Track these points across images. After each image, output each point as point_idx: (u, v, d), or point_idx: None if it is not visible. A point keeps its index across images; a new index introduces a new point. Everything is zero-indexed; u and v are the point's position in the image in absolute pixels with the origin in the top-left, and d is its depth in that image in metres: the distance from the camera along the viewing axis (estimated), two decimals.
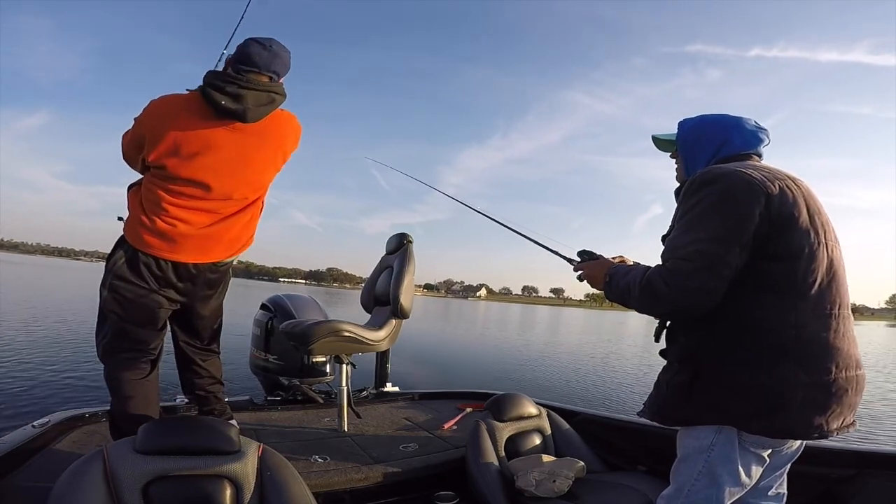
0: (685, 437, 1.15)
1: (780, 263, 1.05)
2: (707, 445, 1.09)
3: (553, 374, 9.98)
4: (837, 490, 1.54)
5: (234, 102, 1.58)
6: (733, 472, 1.07)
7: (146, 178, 1.68)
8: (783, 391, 1.01)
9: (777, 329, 1.03)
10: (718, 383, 1.07)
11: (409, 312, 2.39)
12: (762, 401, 1.03)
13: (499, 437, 1.91)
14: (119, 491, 1.13)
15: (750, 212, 1.04)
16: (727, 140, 1.23)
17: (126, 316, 1.64)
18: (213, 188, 1.64)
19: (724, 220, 1.04)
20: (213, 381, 1.93)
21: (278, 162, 1.81)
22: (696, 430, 1.11)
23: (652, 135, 1.39)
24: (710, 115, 1.28)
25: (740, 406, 1.04)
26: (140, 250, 1.64)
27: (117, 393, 1.63)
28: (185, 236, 1.65)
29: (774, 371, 1.02)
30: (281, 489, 1.25)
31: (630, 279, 1.16)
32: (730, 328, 1.07)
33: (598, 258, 1.37)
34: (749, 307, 1.05)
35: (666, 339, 1.23)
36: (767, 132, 1.25)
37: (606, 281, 1.25)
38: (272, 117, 1.71)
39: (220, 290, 1.88)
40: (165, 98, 1.63)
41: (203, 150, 1.60)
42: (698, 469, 1.10)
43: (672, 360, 1.18)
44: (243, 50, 1.64)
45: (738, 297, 1.05)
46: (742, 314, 1.06)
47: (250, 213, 1.81)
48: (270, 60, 1.65)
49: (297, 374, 2.66)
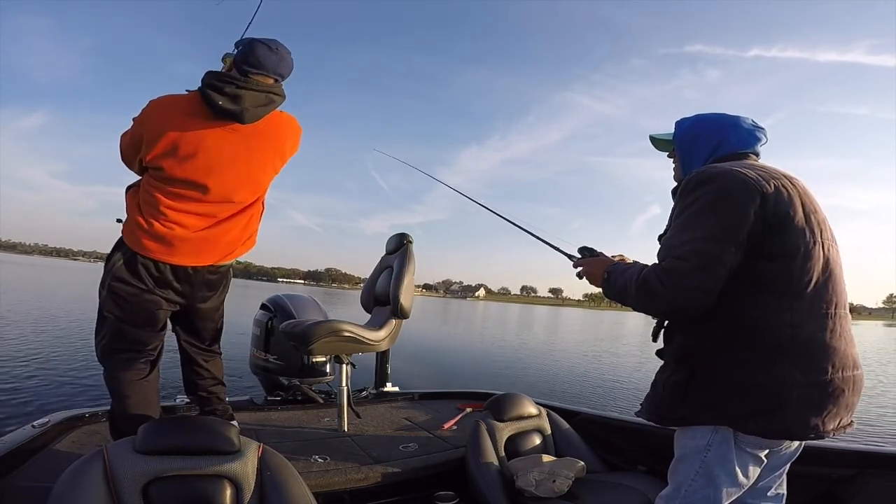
0: (682, 437, 1.15)
1: (775, 262, 1.05)
2: (703, 445, 1.08)
3: (551, 373, 9.99)
4: (837, 490, 1.54)
5: (231, 103, 1.57)
6: (730, 473, 1.07)
7: (144, 179, 1.67)
8: (780, 391, 1.01)
9: (773, 328, 1.03)
10: (715, 383, 1.07)
11: (409, 312, 2.39)
12: (758, 400, 1.03)
13: (499, 437, 1.91)
14: (119, 491, 1.13)
15: (745, 211, 1.03)
16: (724, 139, 1.22)
17: (125, 317, 1.64)
18: (211, 189, 1.63)
19: (720, 220, 1.04)
20: (214, 381, 1.93)
21: (277, 163, 1.79)
22: (693, 430, 1.11)
23: (650, 134, 1.39)
24: (706, 115, 1.28)
25: (736, 406, 1.04)
26: (138, 253, 1.63)
27: (117, 393, 1.64)
28: (182, 240, 1.65)
29: (771, 371, 1.02)
30: (281, 489, 1.25)
31: (627, 277, 1.16)
32: (726, 327, 1.07)
33: (598, 255, 1.36)
34: (745, 306, 1.05)
35: (663, 339, 1.22)
36: (765, 131, 1.25)
37: (605, 278, 1.24)
38: (271, 118, 1.70)
39: (221, 291, 1.87)
40: (164, 98, 1.62)
41: (200, 151, 1.58)
42: (695, 469, 1.10)
43: (668, 360, 1.18)
44: (250, 52, 1.63)
45: (733, 296, 1.05)
46: (738, 313, 1.06)
47: (248, 214, 1.79)
48: (277, 63, 1.65)
49: (297, 374, 2.66)
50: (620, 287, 1.18)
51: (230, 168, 1.65)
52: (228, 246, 1.77)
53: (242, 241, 1.81)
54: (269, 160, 1.75)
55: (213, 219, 1.70)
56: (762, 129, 1.24)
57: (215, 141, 1.61)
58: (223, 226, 1.73)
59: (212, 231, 1.70)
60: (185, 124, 1.57)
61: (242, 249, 1.83)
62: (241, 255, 1.88)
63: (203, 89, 1.58)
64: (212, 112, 1.58)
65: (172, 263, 1.67)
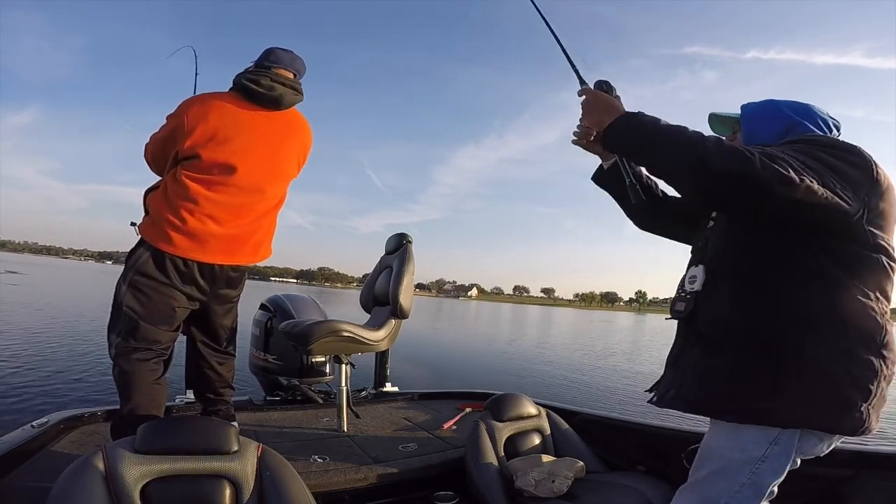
0: (726, 439, 1.01)
1: (873, 253, 0.98)
2: (758, 457, 0.97)
3: (552, 373, 9.99)
4: (837, 490, 1.54)
5: (270, 90, 1.74)
6: (777, 481, 1.00)
7: (172, 175, 1.69)
8: (867, 384, 0.94)
9: (868, 317, 0.96)
10: (809, 371, 0.94)
11: (408, 312, 2.39)
12: (846, 395, 0.94)
13: (498, 437, 1.91)
14: (118, 491, 1.13)
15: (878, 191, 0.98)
16: (798, 123, 1.13)
17: (143, 312, 1.65)
18: (240, 172, 1.70)
19: (855, 187, 0.95)
20: (224, 384, 1.93)
21: (300, 157, 1.91)
22: (745, 434, 0.98)
23: (711, 112, 1.27)
24: (779, 100, 1.19)
25: (826, 401, 0.94)
26: (166, 251, 1.64)
27: (126, 393, 1.62)
28: (215, 236, 1.68)
29: (863, 361, 0.94)
30: (280, 489, 1.25)
31: (675, 126, 0.97)
32: (822, 312, 0.96)
33: (616, 96, 1.17)
34: (843, 291, 0.96)
35: (706, 320, 1.07)
36: (840, 124, 1.16)
37: (627, 115, 1.06)
38: (296, 113, 1.87)
39: (238, 289, 1.89)
40: (201, 94, 1.79)
41: (237, 134, 1.70)
42: (741, 481, 0.98)
43: (726, 343, 1.02)
44: (268, 53, 1.83)
45: (830, 278, 0.97)
46: (835, 298, 0.96)
47: (272, 217, 1.87)
48: (293, 60, 1.85)
49: (297, 375, 2.66)
50: (650, 125, 1.00)
51: (262, 153, 1.75)
52: (255, 246, 1.82)
53: (265, 246, 1.86)
54: (293, 152, 1.87)
55: (245, 213, 1.74)
56: (837, 120, 1.16)
57: (251, 126, 1.73)
58: (253, 224, 1.78)
59: (243, 228, 1.75)
60: (224, 112, 1.70)
61: (264, 254, 1.87)
62: (261, 261, 1.90)
63: (242, 83, 1.73)
64: (249, 102, 1.74)
65: (200, 261, 1.68)
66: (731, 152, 0.89)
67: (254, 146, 1.73)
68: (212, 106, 1.69)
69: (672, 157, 0.96)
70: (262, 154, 1.75)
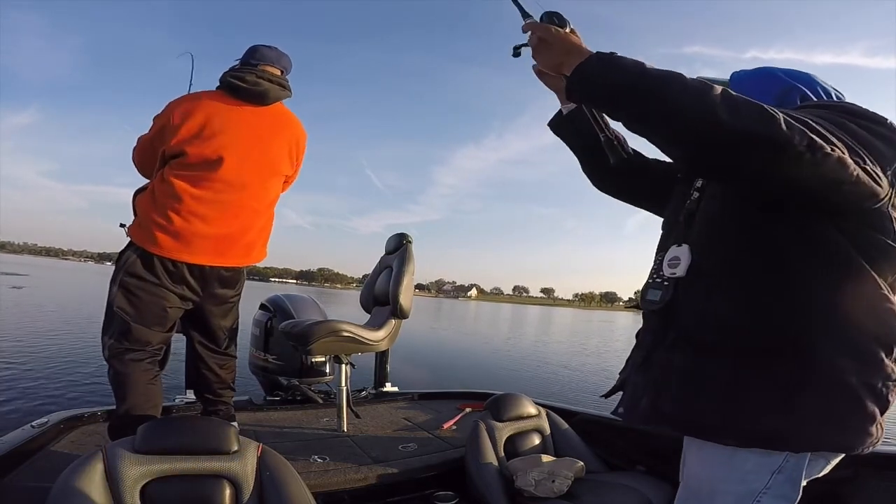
0: (721, 465, 0.81)
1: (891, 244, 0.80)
2: (758, 489, 0.78)
3: (552, 372, 9.99)
4: (837, 490, 1.54)
5: (255, 85, 1.74)
6: None
7: (161, 175, 1.69)
8: (888, 394, 0.78)
9: (889, 317, 0.79)
10: (831, 385, 0.76)
11: (408, 312, 2.39)
12: (864, 409, 0.77)
13: (498, 437, 1.91)
14: (118, 491, 1.13)
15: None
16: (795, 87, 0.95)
17: (135, 314, 1.64)
18: (227, 165, 1.69)
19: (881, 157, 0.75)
20: (223, 386, 1.92)
21: (293, 153, 1.90)
22: (746, 460, 0.78)
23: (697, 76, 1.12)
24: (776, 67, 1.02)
25: (845, 418, 0.76)
26: (153, 253, 1.64)
27: (121, 394, 1.62)
28: (202, 237, 1.67)
29: (884, 370, 0.77)
30: (280, 489, 1.25)
31: (664, 71, 0.75)
32: (841, 307, 0.77)
33: (572, 31, 0.92)
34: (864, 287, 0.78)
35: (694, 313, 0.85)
36: (844, 98, 0.97)
37: (600, 55, 0.81)
38: (285, 109, 1.86)
39: (236, 288, 1.88)
40: (187, 94, 1.78)
41: (223, 129, 1.70)
42: None
43: (717, 344, 0.82)
44: (253, 51, 1.82)
45: (849, 272, 0.78)
46: (856, 290, 0.78)
47: (265, 217, 1.85)
48: (279, 57, 1.85)
49: (297, 375, 2.65)
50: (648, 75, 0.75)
51: (249, 146, 1.74)
52: (247, 247, 1.80)
53: (258, 248, 1.85)
54: (284, 146, 1.85)
55: (232, 210, 1.73)
56: (842, 94, 0.98)
57: (238, 120, 1.73)
58: (243, 223, 1.76)
59: (232, 227, 1.73)
60: (210, 108, 1.70)
61: (257, 256, 1.85)
62: (257, 262, 1.89)
63: (227, 80, 1.74)
64: (235, 98, 1.74)
65: (189, 262, 1.68)
66: (747, 106, 0.69)
67: (240, 140, 1.73)
68: (198, 103, 1.70)
69: (668, 112, 0.72)
70: (250, 147, 1.75)
